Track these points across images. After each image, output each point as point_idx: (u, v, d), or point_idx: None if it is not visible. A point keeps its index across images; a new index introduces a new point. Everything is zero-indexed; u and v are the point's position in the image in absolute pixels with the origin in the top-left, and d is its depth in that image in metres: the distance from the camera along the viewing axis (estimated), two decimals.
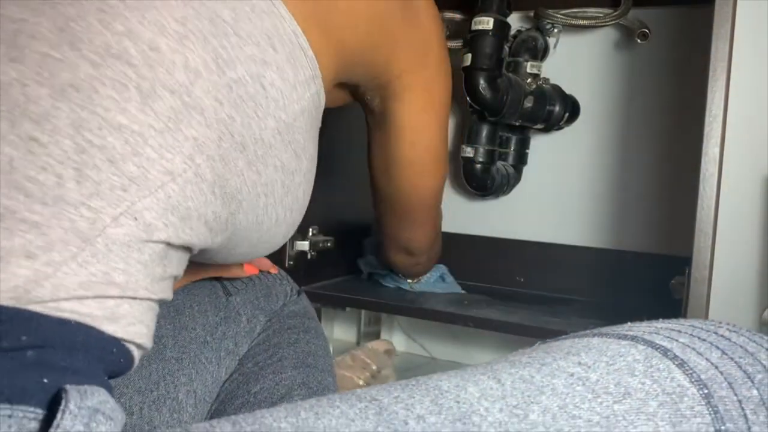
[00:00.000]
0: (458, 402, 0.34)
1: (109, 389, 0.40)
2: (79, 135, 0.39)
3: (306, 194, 0.56)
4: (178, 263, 0.46)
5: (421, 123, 0.75)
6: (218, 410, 0.63)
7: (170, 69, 0.42)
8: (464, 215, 1.20)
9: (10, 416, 0.33)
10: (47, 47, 0.39)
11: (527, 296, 1.10)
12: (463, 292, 1.10)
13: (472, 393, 0.35)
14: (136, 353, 0.43)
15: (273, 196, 0.50)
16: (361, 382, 1.01)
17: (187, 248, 0.46)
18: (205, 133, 0.43)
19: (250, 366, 0.66)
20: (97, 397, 0.36)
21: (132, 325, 0.41)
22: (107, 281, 0.39)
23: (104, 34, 0.41)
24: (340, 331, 1.33)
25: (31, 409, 0.34)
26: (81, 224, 0.38)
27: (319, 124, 0.56)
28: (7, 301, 0.36)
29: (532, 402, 0.34)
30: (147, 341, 0.43)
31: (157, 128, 0.41)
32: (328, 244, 1.08)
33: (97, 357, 0.39)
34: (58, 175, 0.38)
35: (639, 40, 1.02)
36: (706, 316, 0.75)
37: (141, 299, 0.42)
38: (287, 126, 0.49)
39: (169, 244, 0.43)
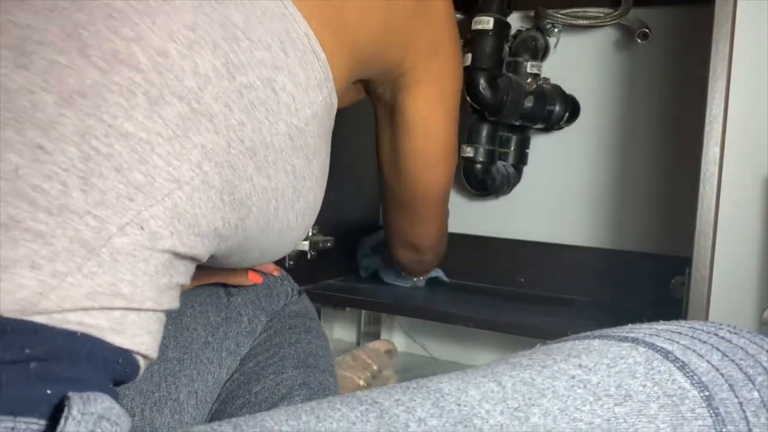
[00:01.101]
0: (459, 405, 0.34)
1: (115, 396, 0.40)
2: (85, 143, 0.38)
3: (317, 198, 0.55)
4: (185, 272, 0.45)
5: (431, 116, 0.74)
6: (219, 410, 0.63)
7: (179, 75, 0.41)
8: (464, 215, 1.20)
9: (12, 428, 0.33)
10: (55, 54, 0.39)
11: (527, 296, 1.10)
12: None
13: (473, 396, 0.35)
14: (142, 363, 0.43)
15: (284, 200, 0.49)
16: (361, 383, 1.01)
17: (194, 257, 0.45)
18: (214, 140, 0.43)
19: (251, 366, 0.66)
20: (101, 403, 0.36)
21: (138, 335, 0.41)
22: (113, 292, 0.39)
23: (112, 40, 0.40)
24: (340, 331, 1.33)
25: (35, 420, 0.34)
26: (86, 234, 0.38)
27: (331, 126, 0.55)
28: (12, 313, 0.35)
29: (533, 405, 0.34)
30: (153, 352, 0.43)
31: (164, 136, 0.41)
32: (328, 244, 1.07)
33: (103, 367, 0.39)
34: (63, 183, 0.37)
35: (639, 40, 1.02)
36: (706, 316, 0.75)
37: (147, 310, 0.41)
38: (299, 131, 0.48)
39: (175, 254, 0.42)
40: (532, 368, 0.37)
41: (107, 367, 0.39)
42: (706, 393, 0.35)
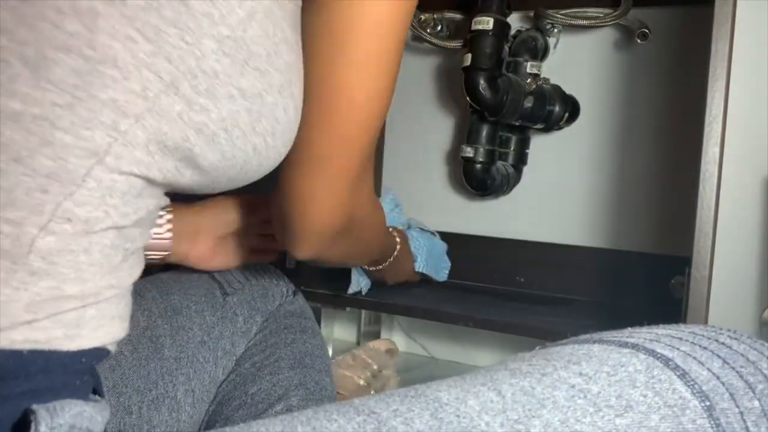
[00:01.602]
0: (458, 416, 0.33)
1: (87, 388, 0.38)
2: None
3: (290, 109, 0.46)
4: (141, 233, 0.41)
5: None
6: (216, 412, 0.63)
7: (56, 20, 0.33)
8: (464, 215, 1.20)
9: None
10: None
11: (527, 296, 1.10)
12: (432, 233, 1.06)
13: (473, 406, 0.34)
14: (112, 347, 0.40)
15: (238, 128, 0.42)
16: (361, 382, 1.01)
17: (143, 219, 0.41)
18: (125, 88, 0.36)
19: (247, 367, 0.66)
20: (68, 411, 0.34)
21: (100, 328, 0.38)
22: (58, 296, 0.35)
23: None
24: (340, 331, 1.33)
25: None
26: (4, 243, 0.33)
27: (291, 17, 0.45)
28: None
29: (533, 416, 0.33)
30: (121, 332, 0.40)
31: (62, 104, 0.34)
32: None
33: (62, 374, 0.36)
34: None
35: (639, 40, 1.02)
36: (706, 316, 0.75)
37: (106, 299, 0.38)
38: (234, 41, 0.40)
39: (119, 227, 0.38)
40: (531, 376, 0.36)
41: (69, 371, 0.37)
42: (707, 403, 0.35)
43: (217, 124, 0.40)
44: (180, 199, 0.55)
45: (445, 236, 1.12)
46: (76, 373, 0.37)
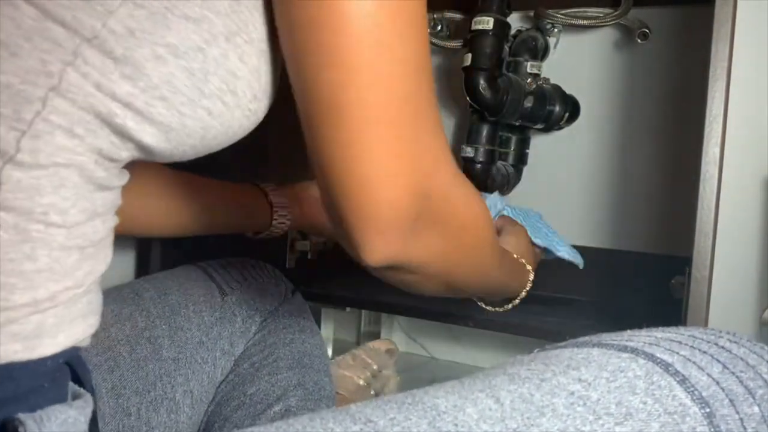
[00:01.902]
0: (456, 425, 0.33)
1: (59, 392, 0.37)
2: None
3: (250, 58, 0.38)
4: (93, 230, 0.37)
5: None
6: (214, 412, 0.63)
7: None
8: None
9: None
10: None
11: (527, 296, 1.10)
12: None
13: (471, 414, 0.33)
14: (84, 342, 0.38)
15: (180, 94, 0.36)
16: (361, 382, 1.01)
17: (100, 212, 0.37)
18: (20, 68, 0.31)
19: (246, 367, 0.66)
20: (54, 419, 0.33)
21: (60, 333, 0.36)
22: (8, 307, 0.33)
23: None
24: (340, 331, 1.33)
25: None
26: None
27: None
28: None
29: (532, 425, 0.33)
30: (85, 334, 0.38)
31: None
32: (329, 244, 1.07)
33: (29, 380, 0.35)
34: None
35: (639, 40, 1.02)
36: (706, 316, 0.74)
37: (62, 303, 0.36)
38: None
39: (67, 228, 0.35)
40: (530, 381, 0.36)
41: (37, 374, 0.35)
42: (707, 410, 0.35)
43: (155, 92, 0.35)
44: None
45: None
46: (43, 376, 0.35)
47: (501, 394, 0.35)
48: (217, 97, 0.37)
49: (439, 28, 1.15)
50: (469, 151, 1.07)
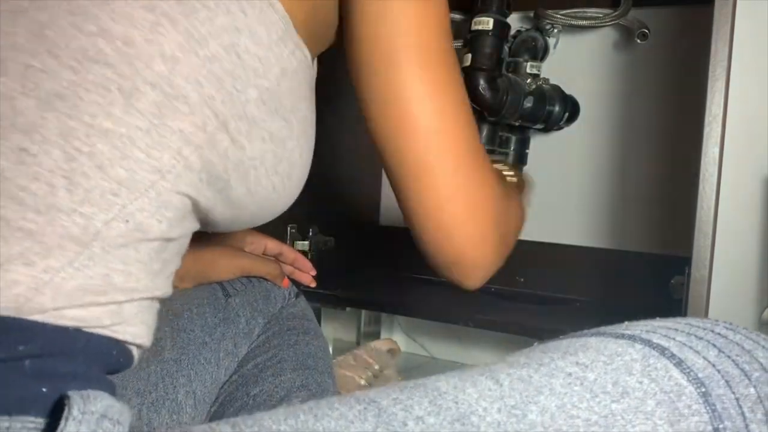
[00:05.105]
0: (457, 403, 0.34)
1: (112, 389, 0.40)
2: (68, 144, 0.39)
3: (304, 155, 0.52)
4: (177, 251, 0.46)
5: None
6: (217, 413, 0.63)
7: (148, 62, 0.41)
8: None
9: (8, 428, 0.33)
10: (28, 57, 0.40)
11: (527, 296, 1.10)
12: None
13: (471, 394, 0.35)
14: (136, 352, 0.43)
15: (264, 167, 0.48)
16: (362, 382, 1.01)
17: (183, 236, 0.46)
18: (192, 122, 0.43)
19: (250, 368, 0.66)
20: (101, 401, 0.36)
21: (133, 326, 0.42)
22: (106, 283, 0.40)
23: (78, 38, 0.40)
24: (340, 331, 1.33)
25: (31, 418, 0.34)
26: (74, 230, 0.39)
27: (309, 79, 0.52)
28: (6, 311, 0.36)
29: (530, 402, 0.34)
30: (147, 341, 0.44)
31: (143, 128, 0.41)
32: (329, 244, 1.08)
33: (98, 360, 0.40)
34: (50, 183, 0.38)
35: (639, 40, 1.02)
36: (705, 316, 0.75)
37: (141, 299, 0.42)
38: (270, 93, 0.47)
39: (165, 239, 0.43)
40: (529, 366, 0.37)
41: (103, 360, 0.40)
42: (703, 389, 0.35)
43: (249, 162, 0.47)
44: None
45: None
46: (108, 365, 0.41)
47: (500, 376, 0.36)
48: (282, 177, 0.50)
49: None
50: None
